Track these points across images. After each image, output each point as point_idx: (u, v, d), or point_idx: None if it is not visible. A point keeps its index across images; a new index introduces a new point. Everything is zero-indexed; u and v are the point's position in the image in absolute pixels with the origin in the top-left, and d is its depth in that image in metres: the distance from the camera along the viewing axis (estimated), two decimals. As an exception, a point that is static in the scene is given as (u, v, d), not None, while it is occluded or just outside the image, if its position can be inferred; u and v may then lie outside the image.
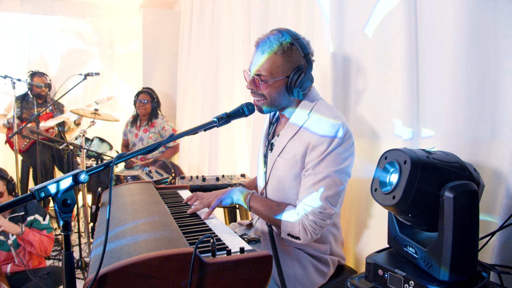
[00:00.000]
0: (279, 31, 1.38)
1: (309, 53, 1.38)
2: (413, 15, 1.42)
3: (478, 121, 1.21)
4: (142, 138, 4.03)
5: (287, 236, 1.37)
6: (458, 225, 0.88)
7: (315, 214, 1.31)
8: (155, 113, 4.07)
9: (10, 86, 3.48)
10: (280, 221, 1.38)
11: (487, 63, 1.19)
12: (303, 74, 1.35)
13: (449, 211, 0.89)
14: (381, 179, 1.04)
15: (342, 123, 1.34)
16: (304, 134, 1.39)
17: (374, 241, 1.71)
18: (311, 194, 1.32)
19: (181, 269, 0.90)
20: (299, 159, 1.38)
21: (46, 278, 2.39)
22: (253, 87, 1.40)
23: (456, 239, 0.88)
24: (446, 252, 0.89)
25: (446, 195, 0.89)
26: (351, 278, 1.10)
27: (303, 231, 1.33)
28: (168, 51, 5.02)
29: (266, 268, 0.98)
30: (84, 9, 5.03)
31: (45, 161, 4.00)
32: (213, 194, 1.51)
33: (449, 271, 0.89)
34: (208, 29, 3.61)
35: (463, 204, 0.89)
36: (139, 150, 1.07)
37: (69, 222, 0.89)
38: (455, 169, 0.95)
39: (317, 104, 1.42)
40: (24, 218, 2.47)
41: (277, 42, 1.33)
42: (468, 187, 0.90)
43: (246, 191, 1.50)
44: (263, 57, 1.34)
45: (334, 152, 1.32)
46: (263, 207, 1.43)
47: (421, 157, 0.94)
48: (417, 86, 1.44)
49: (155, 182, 1.97)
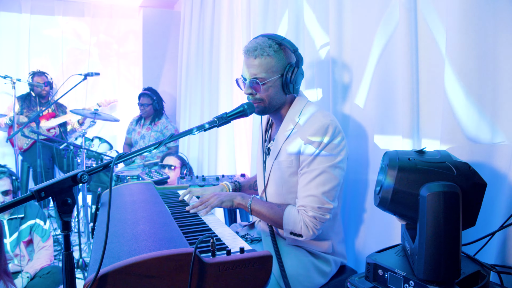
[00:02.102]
0: (264, 36, 1.44)
1: (297, 49, 1.43)
2: (413, 15, 1.42)
3: (478, 121, 1.21)
4: (144, 136, 4.04)
5: (290, 234, 1.41)
6: (432, 224, 0.89)
7: (314, 210, 1.36)
8: (158, 114, 4.08)
9: (10, 86, 3.48)
10: (282, 221, 1.42)
11: (487, 63, 1.19)
12: (296, 68, 1.42)
13: (423, 210, 0.91)
14: (378, 178, 1.11)
15: (330, 120, 1.39)
16: (297, 135, 1.43)
17: (374, 241, 1.71)
18: (309, 191, 1.37)
19: (181, 269, 0.90)
20: (293, 158, 1.43)
21: (47, 277, 2.39)
22: (252, 91, 1.43)
23: (430, 238, 0.89)
24: (421, 249, 0.91)
25: (421, 194, 0.92)
26: (351, 278, 1.10)
27: (304, 228, 1.37)
28: (168, 51, 5.02)
29: (266, 268, 0.98)
30: (84, 9, 5.02)
31: (45, 161, 4.00)
32: (214, 195, 1.52)
33: (423, 269, 0.90)
34: (208, 29, 3.61)
35: (437, 204, 0.88)
36: (139, 150, 1.07)
37: (69, 222, 0.89)
38: (439, 169, 0.96)
39: (306, 106, 1.48)
40: (24, 221, 2.46)
41: (266, 45, 1.39)
42: (446, 188, 0.89)
43: (247, 196, 1.54)
44: (256, 61, 1.39)
45: (327, 149, 1.37)
46: (265, 209, 1.47)
47: (402, 159, 0.99)
48: (417, 87, 1.44)
49: (155, 182, 1.98)
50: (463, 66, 1.21)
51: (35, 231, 2.49)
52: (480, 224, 1.04)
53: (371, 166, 1.72)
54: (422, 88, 1.44)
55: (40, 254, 2.49)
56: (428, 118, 1.44)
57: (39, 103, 4.09)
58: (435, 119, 1.40)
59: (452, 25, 1.23)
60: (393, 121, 1.59)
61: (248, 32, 2.80)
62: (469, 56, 1.20)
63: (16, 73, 4.49)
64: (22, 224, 2.45)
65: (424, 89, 1.44)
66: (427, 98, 1.43)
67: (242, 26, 2.91)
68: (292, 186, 1.46)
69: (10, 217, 2.40)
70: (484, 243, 1.09)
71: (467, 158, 1.21)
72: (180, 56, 4.62)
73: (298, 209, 1.40)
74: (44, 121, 4.03)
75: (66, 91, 3.32)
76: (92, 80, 4.91)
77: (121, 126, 4.88)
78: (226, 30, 3.23)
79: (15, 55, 4.72)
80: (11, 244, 2.39)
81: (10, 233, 2.39)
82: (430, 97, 1.42)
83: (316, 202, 1.35)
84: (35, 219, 2.49)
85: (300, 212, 1.39)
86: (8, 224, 2.39)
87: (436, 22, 1.38)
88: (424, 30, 1.42)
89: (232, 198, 1.52)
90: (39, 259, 2.46)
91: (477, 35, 1.18)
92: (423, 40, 1.43)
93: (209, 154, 3.55)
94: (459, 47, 1.21)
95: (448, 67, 1.25)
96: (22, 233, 2.45)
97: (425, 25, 1.42)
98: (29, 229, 2.47)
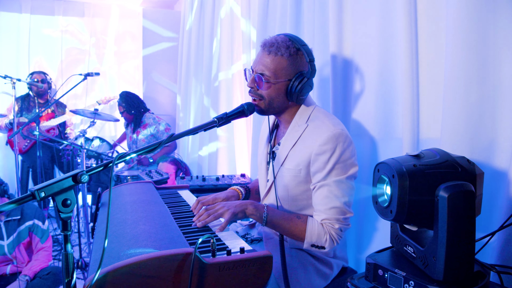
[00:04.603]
0: (286, 35, 1.39)
1: (314, 60, 1.39)
2: (413, 16, 1.42)
3: (478, 122, 1.21)
4: (136, 141, 4.01)
5: (311, 247, 1.36)
6: (452, 225, 0.88)
7: (340, 222, 1.33)
8: (138, 118, 3.90)
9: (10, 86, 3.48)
10: (304, 234, 1.35)
11: (487, 64, 1.19)
12: (305, 79, 1.36)
13: (443, 210, 0.89)
14: (378, 191, 1.05)
15: (341, 129, 1.35)
16: (305, 143, 1.39)
17: (374, 241, 1.71)
18: (331, 203, 1.33)
19: (181, 269, 0.90)
20: (302, 168, 1.38)
21: (46, 278, 2.39)
22: (254, 85, 1.39)
23: (451, 239, 0.88)
24: (441, 251, 0.90)
25: (440, 195, 0.90)
26: (351, 278, 1.10)
27: (330, 241, 1.33)
28: (168, 51, 5.02)
29: (266, 268, 0.98)
30: (84, 9, 5.03)
31: (45, 162, 3.99)
32: (224, 206, 1.34)
33: (443, 270, 0.90)
34: (208, 29, 3.61)
35: (458, 204, 0.89)
36: (139, 150, 1.07)
37: (69, 222, 0.89)
38: (445, 169, 0.95)
39: (314, 112, 1.43)
40: (21, 223, 2.44)
41: (284, 45, 1.34)
42: (463, 188, 0.90)
43: (260, 205, 1.39)
44: (269, 57, 1.35)
45: (342, 159, 1.33)
46: (283, 221, 1.38)
47: (408, 167, 0.94)
48: (417, 88, 1.44)
49: (155, 182, 1.97)
50: (463, 66, 1.21)
51: (34, 232, 2.48)
52: (480, 224, 1.04)
53: (371, 168, 1.72)
54: (422, 88, 1.44)
55: (39, 255, 2.48)
56: (428, 118, 1.44)
57: (38, 104, 4.08)
58: (435, 119, 1.40)
59: (452, 25, 1.23)
60: (393, 121, 1.59)
61: (248, 32, 2.80)
62: (469, 56, 1.20)
63: (16, 73, 4.49)
64: (20, 226, 2.43)
65: (424, 89, 1.44)
66: (427, 98, 1.43)
67: (242, 26, 2.91)
68: (297, 194, 1.43)
69: (6, 219, 2.39)
70: (484, 243, 1.09)
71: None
72: (180, 56, 4.62)
73: (322, 223, 1.35)
74: (43, 122, 4.02)
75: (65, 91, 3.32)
76: (92, 80, 4.91)
77: (121, 126, 4.88)
78: (226, 30, 3.24)
79: (15, 55, 4.73)
80: (8, 246, 2.38)
81: (8, 235, 2.38)
82: (430, 97, 1.42)
83: (340, 213, 1.33)
84: (33, 219, 2.47)
85: (325, 225, 1.34)
86: (5, 226, 2.38)
87: (436, 22, 1.38)
88: (424, 30, 1.42)
89: (243, 209, 1.35)
90: (37, 260, 2.45)
91: (477, 35, 1.18)
92: (423, 40, 1.43)
93: (209, 154, 3.55)
94: (459, 47, 1.21)
95: (448, 67, 1.25)
96: (21, 234, 2.44)
97: (425, 25, 1.42)
98: (27, 230, 2.46)
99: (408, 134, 1.45)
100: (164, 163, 3.15)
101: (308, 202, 1.44)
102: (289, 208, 1.47)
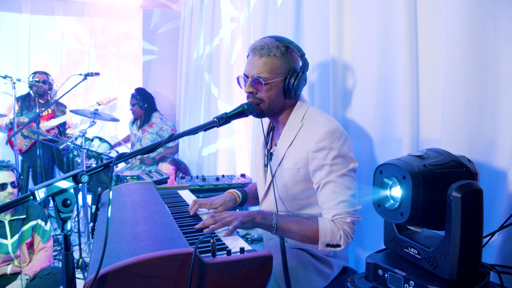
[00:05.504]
0: (272, 37, 1.42)
1: (305, 54, 1.41)
2: (413, 16, 1.42)
3: (478, 122, 1.21)
4: (140, 139, 4.03)
5: (327, 247, 1.34)
6: (465, 224, 0.88)
7: (351, 214, 1.33)
8: (147, 114, 4.03)
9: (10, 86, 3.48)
10: (318, 234, 1.33)
11: (487, 64, 1.19)
12: (301, 73, 1.39)
13: (456, 210, 0.88)
14: (382, 194, 1.01)
15: (336, 125, 1.37)
16: (301, 141, 1.40)
17: (374, 241, 1.71)
18: (338, 198, 1.33)
19: (181, 269, 0.90)
20: (301, 167, 1.39)
21: (47, 278, 2.39)
22: (253, 90, 1.39)
23: (464, 238, 0.88)
24: (454, 251, 0.89)
25: (454, 195, 0.89)
26: (351, 278, 1.10)
27: (344, 236, 1.32)
28: (168, 51, 5.02)
29: (266, 268, 0.98)
30: (84, 9, 5.03)
31: (45, 162, 4.00)
32: (232, 215, 1.31)
33: (457, 270, 0.89)
34: (208, 29, 3.61)
35: (470, 203, 0.88)
36: (139, 150, 1.07)
37: (69, 222, 0.89)
38: (453, 169, 0.95)
39: (308, 111, 1.45)
40: (26, 222, 2.46)
41: (274, 46, 1.37)
42: (474, 186, 0.90)
43: (267, 213, 1.37)
44: (262, 60, 1.37)
45: (340, 154, 1.34)
46: (294, 225, 1.35)
47: (419, 167, 0.92)
48: (417, 88, 1.44)
49: (155, 182, 1.97)
50: (463, 66, 1.21)
51: (36, 232, 2.49)
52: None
53: (371, 167, 1.71)
54: (422, 88, 1.44)
55: (39, 255, 2.49)
56: (428, 118, 1.44)
57: (38, 104, 4.08)
58: (435, 119, 1.40)
59: (452, 25, 1.23)
60: (393, 121, 1.59)
61: (248, 32, 2.80)
62: (469, 56, 1.20)
63: (16, 73, 4.49)
64: (24, 225, 2.45)
65: (424, 89, 1.44)
66: (427, 98, 1.43)
67: (242, 26, 2.91)
68: (297, 193, 1.43)
69: (11, 218, 2.40)
70: (484, 243, 1.09)
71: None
72: (180, 56, 4.62)
73: (333, 220, 1.33)
74: (43, 122, 4.02)
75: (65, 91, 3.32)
76: (92, 81, 4.91)
77: (121, 126, 4.89)
78: (225, 30, 3.24)
79: (15, 55, 4.73)
80: (12, 245, 2.39)
81: (12, 234, 2.39)
82: (430, 97, 1.42)
83: (350, 206, 1.32)
84: (37, 219, 2.50)
85: (337, 222, 1.33)
86: (10, 225, 2.39)
87: (436, 22, 1.38)
88: (424, 30, 1.42)
89: (252, 219, 1.32)
90: (37, 260, 2.46)
91: (477, 35, 1.18)
92: (423, 40, 1.43)
93: (209, 154, 3.55)
94: (459, 47, 1.21)
95: (448, 67, 1.25)
96: (24, 234, 2.45)
97: (425, 25, 1.42)
98: (31, 229, 2.47)
99: (408, 134, 1.44)
100: (164, 163, 3.16)
101: (308, 201, 1.44)
102: (289, 208, 1.47)
